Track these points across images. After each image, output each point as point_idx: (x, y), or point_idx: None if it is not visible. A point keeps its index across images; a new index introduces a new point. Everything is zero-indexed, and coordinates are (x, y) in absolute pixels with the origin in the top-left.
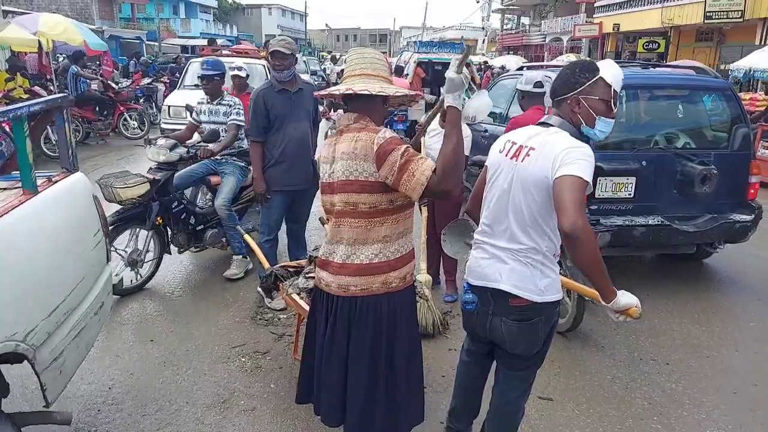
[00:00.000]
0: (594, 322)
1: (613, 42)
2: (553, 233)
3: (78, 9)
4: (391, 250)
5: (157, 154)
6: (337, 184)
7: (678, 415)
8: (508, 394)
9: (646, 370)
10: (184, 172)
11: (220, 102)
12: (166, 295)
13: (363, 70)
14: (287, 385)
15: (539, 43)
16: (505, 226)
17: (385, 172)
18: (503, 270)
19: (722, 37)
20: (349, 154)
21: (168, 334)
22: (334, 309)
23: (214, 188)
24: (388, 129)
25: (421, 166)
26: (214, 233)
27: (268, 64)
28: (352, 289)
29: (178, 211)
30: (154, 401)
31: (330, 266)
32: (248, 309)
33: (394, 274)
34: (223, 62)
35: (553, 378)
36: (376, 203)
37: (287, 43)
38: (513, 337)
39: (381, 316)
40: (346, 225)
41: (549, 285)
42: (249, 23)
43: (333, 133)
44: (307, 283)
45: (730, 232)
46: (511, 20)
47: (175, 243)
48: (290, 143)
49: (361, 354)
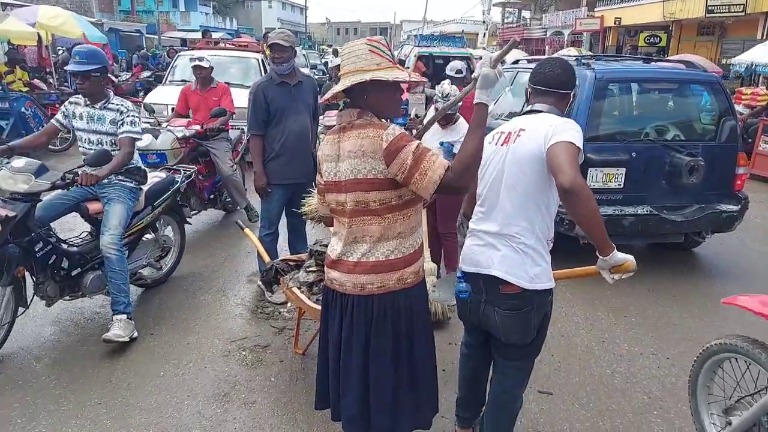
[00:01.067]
0: (594, 316)
1: (615, 36)
2: (547, 211)
3: (77, 1)
4: (406, 246)
5: (14, 181)
6: (346, 183)
7: (678, 409)
8: (504, 383)
9: (647, 365)
10: (51, 199)
11: (106, 106)
12: (166, 288)
13: (354, 65)
14: (288, 378)
15: (540, 36)
16: (499, 208)
17: (395, 169)
18: (495, 256)
19: (724, 31)
20: (356, 152)
21: (168, 328)
22: (350, 309)
23: (93, 218)
24: (395, 125)
25: (433, 165)
26: (97, 277)
27: (266, 58)
28: (368, 287)
29: (45, 254)
30: (155, 394)
31: (342, 265)
32: (249, 303)
33: (410, 269)
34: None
35: (553, 372)
36: (385, 200)
37: (286, 36)
38: (506, 327)
39: (399, 313)
40: (359, 224)
41: (540, 273)
42: (249, 16)
43: (334, 130)
44: (308, 277)
45: (717, 222)
46: (512, 14)
47: (41, 295)
48: (290, 136)
49: (383, 353)
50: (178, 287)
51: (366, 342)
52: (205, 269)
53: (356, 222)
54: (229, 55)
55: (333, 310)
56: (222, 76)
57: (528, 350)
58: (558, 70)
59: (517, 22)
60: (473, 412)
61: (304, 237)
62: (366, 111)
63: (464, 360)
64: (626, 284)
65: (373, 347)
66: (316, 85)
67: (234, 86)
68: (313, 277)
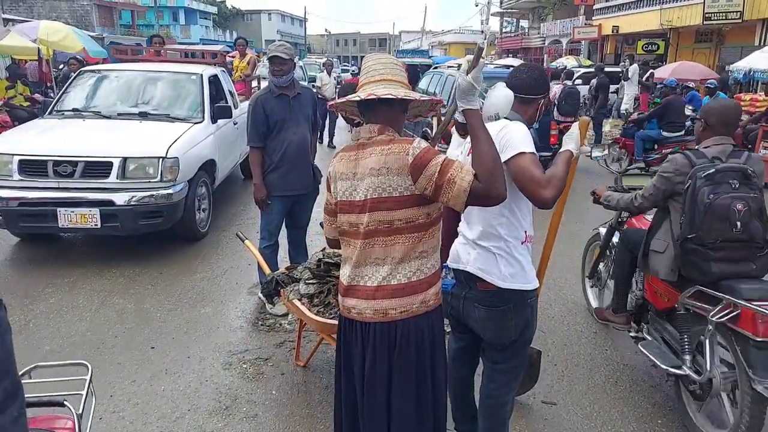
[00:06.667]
0: (597, 325)
1: (612, 44)
2: (511, 215)
3: (78, 16)
4: (428, 266)
5: None
6: (366, 202)
7: (682, 418)
8: (489, 385)
9: (650, 373)
10: None
11: None
12: (167, 301)
13: (383, 75)
14: (289, 391)
15: (539, 45)
16: (470, 214)
17: (424, 183)
18: (472, 254)
19: (721, 38)
20: (380, 169)
21: (169, 341)
22: (372, 337)
23: None
24: (421, 138)
25: (461, 172)
26: None
27: (225, 71)
28: (391, 313)
29: None
30: (156, 409)
31: (360, 291)
32: (250, 315)
33: (432, 290)
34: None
35: (556, 382)
36: (412, 218)
37: (286, 49)
38: (483, 321)
39: (423, 338)
40: (380, 244)
41: (515, 273)
42: (248, 29)
43: (350, 146)
44: (308, 289)
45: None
46: (510, 23)
47: None
48: (290, 148)
49: (408, 381)
50: (178, 300)
51: (389, 374)
52: (206, 281)
53: (377, 243)
54: (159, 69)
55: (353, 341)
56: (140, 96)
57: (512, 353)
58: (524, 75)
59: (515, 31)
60: (470, 425)
61: (305, 249)
62: (387, 126)
63: (449, 373)
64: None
65: (396, 374)
66: (316, 97)
67: (152, 119)
68: (314, 288)
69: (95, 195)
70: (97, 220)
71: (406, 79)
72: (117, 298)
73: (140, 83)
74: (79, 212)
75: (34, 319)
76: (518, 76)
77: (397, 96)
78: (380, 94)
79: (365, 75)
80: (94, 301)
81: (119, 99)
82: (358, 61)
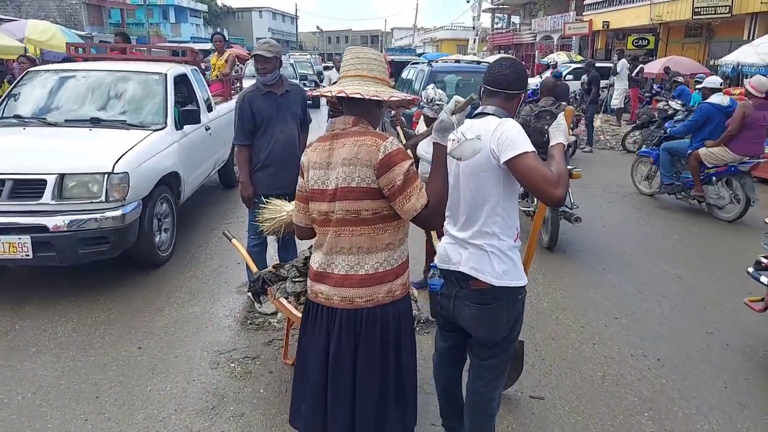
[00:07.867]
0: (585, 319)
1: (603, 39)
2: (505, 214)
3: (67, 15)
4: (395, 258)
5: None
6: (336, 191)
7: (668, 410)
8: (476, 382)
9: (637, 366)
10: None
11: None
12: (155, 301)
13: (357, 71)
14: (277, 390)
15: (530, 41)
16: (460, 213)
17: (384, 182)
18: (464, 254)
19: (711, 33)
20: (351, 159)
21: (156, 341)
22: (338, 323)
23: None
24: (395, 138)
25: (418, 193)
26: None
27: (198, 69)
28: (357, 301)
29: None
30: (143, 409)
31: (329, 278)
32: (238, 314)
33: (398, 281)
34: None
35: (544, 376)
36: (378, 209)
37: (270, 47)
38: (475, 320)
39: (388, 326)
40: (348, 234)
41: (508, 270)
42: (240, 26)
43: (325, 136)
44: (295, 287)
45: None
46: (501, 19)
47: None
48: (277, 146)
49: (371, 366)
50: (166, 299)
51: (354, 354)
52: (194, 280)
53: (344, 232)
54: (118, 69)
55: (318, 324)
56: (94, 100)
57: (500, 349)
58: (506, 70)
59: (506, 27)
60: (458, 421)
61: (294, 247)
62: (361, 119)
63: (437, 371)
64: (616, 287)
65: (361, 358)
66: (305, 94)
67: (105, 126)
68: (300, 287)
69: (25, 219)
70: (29, 249)
71: (386, 73)
72: (105, 299)
73: (95, 85)
74: (6, 240)
75: (20, 321)
76: (501, 71)
77: (365, 96)
78: (349, 93)
79: (343, 69)
80: (81, 302)
81: (70, 103)
82: None
